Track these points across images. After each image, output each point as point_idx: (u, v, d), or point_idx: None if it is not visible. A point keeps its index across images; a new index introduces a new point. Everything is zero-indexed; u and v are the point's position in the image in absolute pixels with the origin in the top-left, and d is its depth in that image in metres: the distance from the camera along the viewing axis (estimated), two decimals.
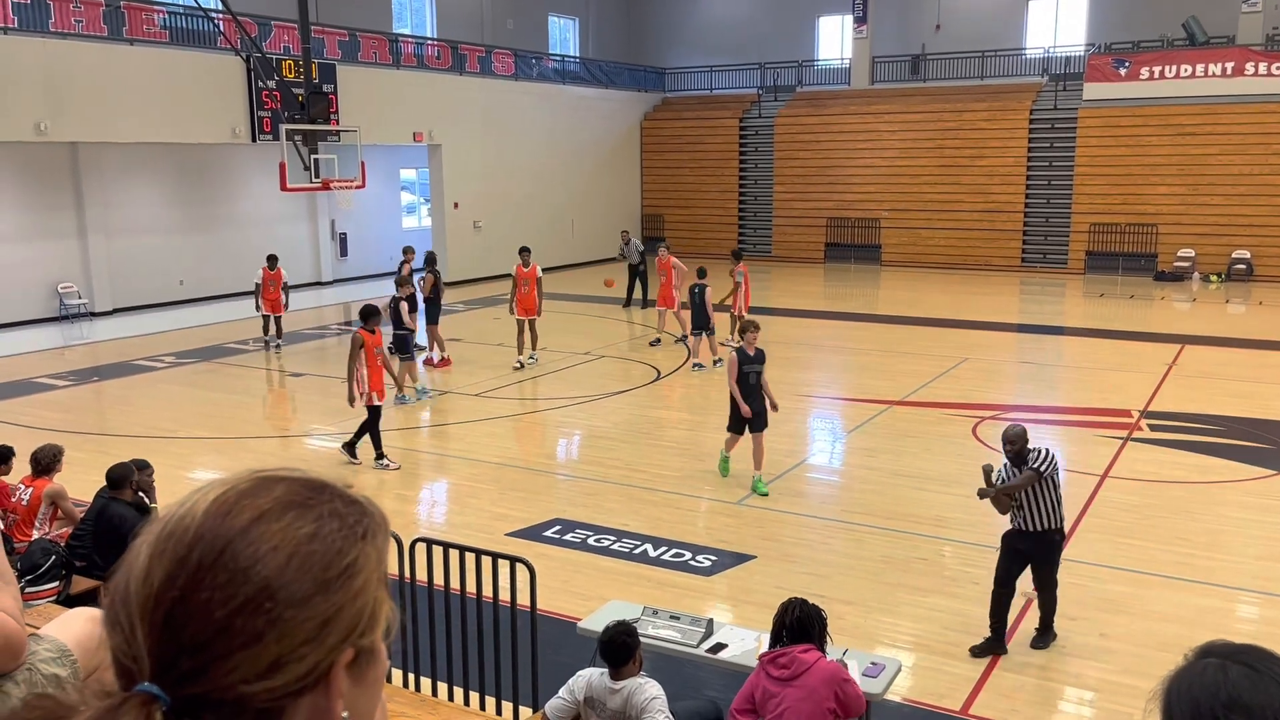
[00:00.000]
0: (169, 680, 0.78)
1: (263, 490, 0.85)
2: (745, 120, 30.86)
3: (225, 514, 0.82)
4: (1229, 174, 24.62)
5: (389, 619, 0.88)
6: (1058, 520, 6.56)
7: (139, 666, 0.79)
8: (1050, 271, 26.57)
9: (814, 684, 4.37)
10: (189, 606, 0.78)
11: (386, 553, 0.90)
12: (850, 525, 8.92)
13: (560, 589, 7.45)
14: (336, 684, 0.83)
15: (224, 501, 0.83)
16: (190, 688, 0.78)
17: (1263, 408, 12.71)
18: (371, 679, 0.88)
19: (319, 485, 0.87)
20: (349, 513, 0.87)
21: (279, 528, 0.82)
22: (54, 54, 16.95)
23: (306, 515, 0.84)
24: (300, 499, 0.85)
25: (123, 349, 17.37)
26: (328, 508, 0.86)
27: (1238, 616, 7.35)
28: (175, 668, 0.78)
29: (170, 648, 0.78)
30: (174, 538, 0.82)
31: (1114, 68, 25.92)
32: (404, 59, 24.15)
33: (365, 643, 0.86)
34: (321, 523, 0.84)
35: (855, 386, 14.45)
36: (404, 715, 3.57)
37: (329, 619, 0.82)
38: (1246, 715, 1.16)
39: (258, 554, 0.80)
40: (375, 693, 0.89)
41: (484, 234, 25.77)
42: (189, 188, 22.51)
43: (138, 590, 0.80)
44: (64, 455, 7.76)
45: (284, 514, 0.83)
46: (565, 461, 11.50)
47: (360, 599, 0.84)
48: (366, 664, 0.87)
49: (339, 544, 0.84)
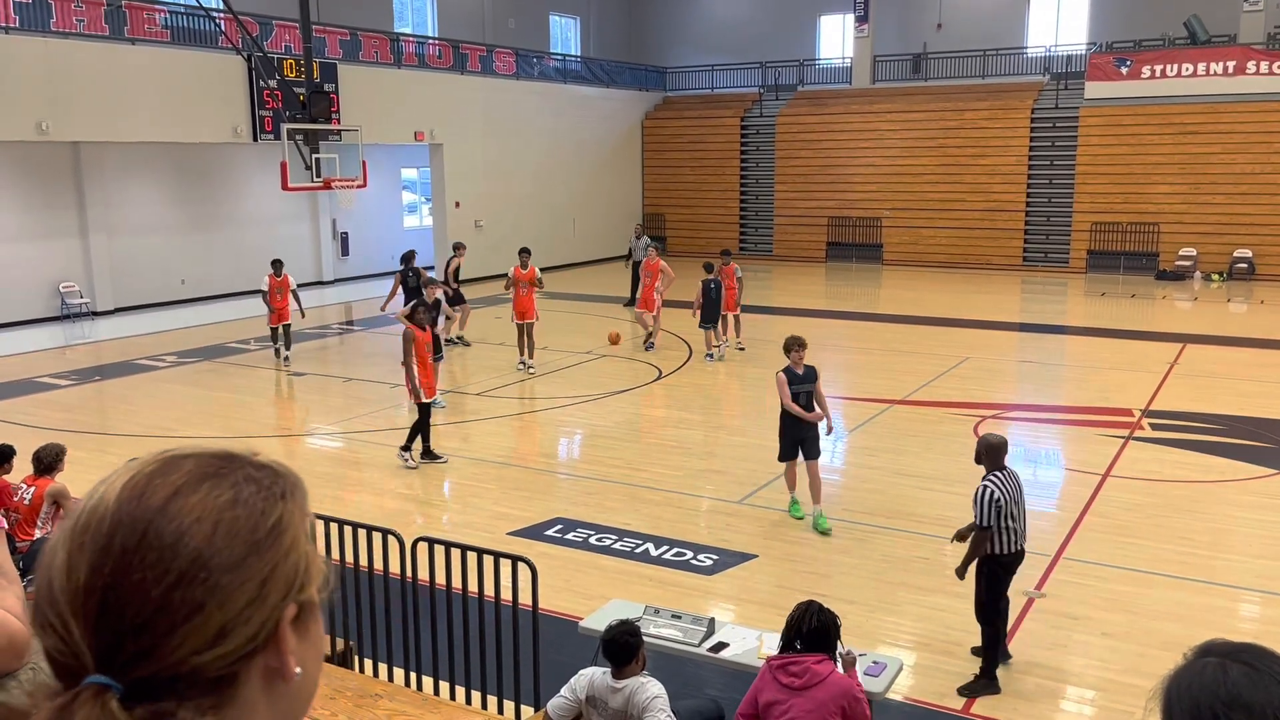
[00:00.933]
0: (116, 667, 0.78)
1: (172, 468, 0.85)
2: (747, 119, 30.84)
3: (139, 496, 0.82)
4: (1230, 173, 24.60)
5: (323, 572, 0.89)
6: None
7: (81, 662, 0.78)
8: (1051, 270, 26.56)
9: (824, 698, 4.33)
10: (122, 591, 0.78)
11: (308, 510, 0.90)
12: (852, 524, 8.91)
13: (562, 588, 7.45)
14: (285, 641, 0.84)
15: (135, 485, 0.83)
16: (139, 670, 0.78)
17: (1265, 407, 12.70)
18: (315, 634, 0.89)
19: (228, 455, 0.88)
20: (262, 477, 0.87)
21: (197, 499, 0.82)
22: (55, 53, 16.95)
23: (222, 484, 0.84)
24: (213, 469, 0.85)
25: (124, 348, 17.38)
26: (241, 474, 0.86)
27: (1240, 615, 7.35)
28: (120, 653, 0.78)
29: (110, 636, 0.78)
30: (90, 529, 0.81)
31: (1115, 66, 25.91)
32: (405, 58, 24.15)
33: (304, 597, 0.86)
34: (239, 488, 0.85)
35: (856, 386, 14.45)
36: (406, 714, 3.57)
37: (266, 578, 0.83)
38: (1247, 714, 1.15)
39: (182, 527, 0.80)
40: (319, 647, 0.91)
41: (485, 233, 25.76)
42: (190, 187, 22.52)
43: (62, 587, 0.79)
44: (66, 454, 7.76)
45: (199, 485, 0.83)
46: (566, 461, 11.50)
47: (293, 554, 0.85)
48: (309, 618, 0.88)
49: (260, 505, 0.85)
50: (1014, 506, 6.09)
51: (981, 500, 6.03)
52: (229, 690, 0.81)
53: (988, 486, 6.07)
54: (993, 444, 6.26)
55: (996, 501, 5.99)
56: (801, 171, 29.58)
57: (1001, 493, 6.02)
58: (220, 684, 0.80)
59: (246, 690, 0.82)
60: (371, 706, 3.58)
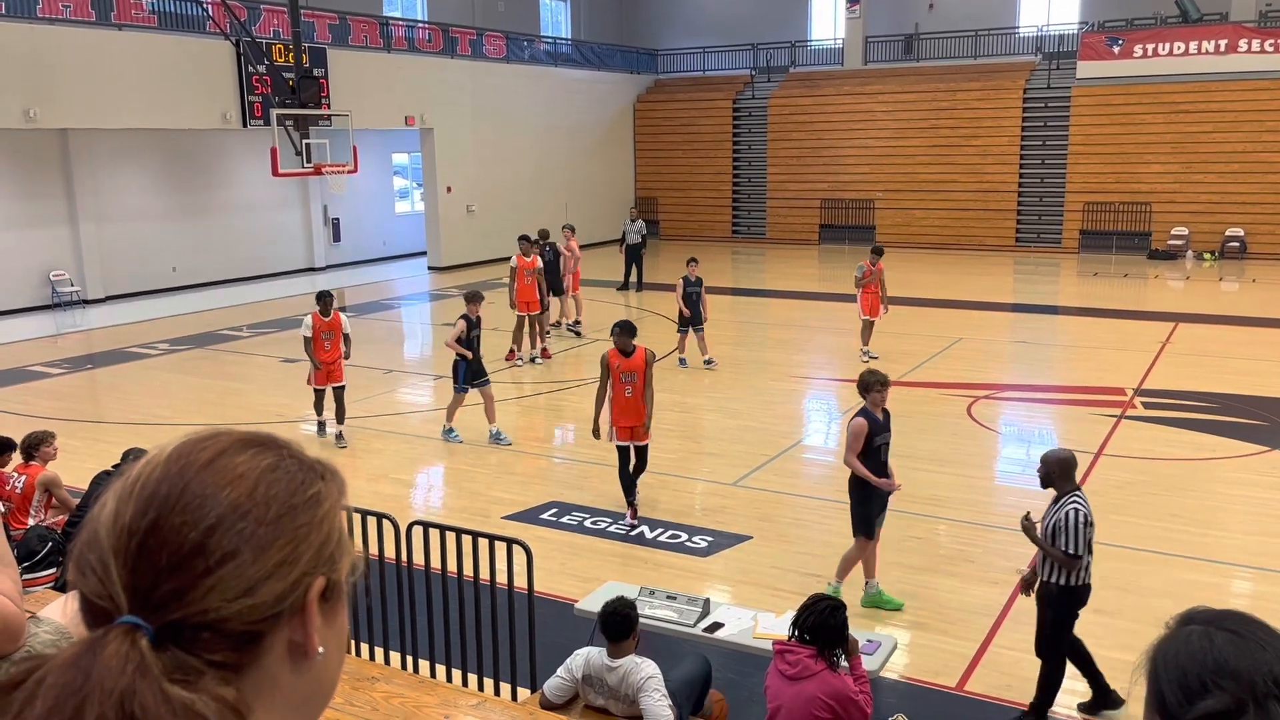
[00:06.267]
0: (148, 610, 0.80)
1: (221, 435, 0.89)
2: (738, 102, 30.75)
3: (188, 454, 0.86)
4: (1222, 152, 24.60)
5: (354, 559, 0.92)
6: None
7: (116, 603, 0.80)
8: (1044, 251, 26.58)
9: (812, 693, 4.36)
10: (162, 533, 0.81)
11: (345, 497, 0.93)
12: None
13: (557, 571, 7.48)
14: (311, 615, 0.86)
15: (184, 447, 0.87)
16: (170, 613, 0.80)
17: (1256, 384, 12.75)
18: (340, 623, 0.91)
19: (274, 436, 0.92)
20: (303, 457, 0.91)
21: (242, 460, 0.86)
22: (41, 40, 16.82)
23: (266, 452, 0.88)
24: (257, 441, 0.90)
25: (116, 336, 17.33)
26: (285, 450, 0.90)
27: (1232, 592, 7.40)
28: (154, 593, 0.80)
29: (147, 575, 0.80)
30: (140, 480, 0.85)
31: (1107, 46, 25.86)
32: (395, 42, 24.02)
33: (334, 575, 0.88)
34: (282, 459, 0.89)
35: (850, 367, 14.46)
36: (402, 696, 3.58)
37: (299, 540, 0.85)
38: (1234, 680, 1.16)
39: (225, 480, 0.84)
40: (342, 638, 0.93)
41: (477, 218, 25.70)
42: (180, 174, 22.40)
43: (108, 530, 0.83)
44: (51, 441, 7.74)
45: (244, 449, 0.88)
46: (561, 445, 11.51)
47: (326, 524, 0.88)
48: (335, 601, 0.90)
49: (301, 476, 0.89)
50: (1093, 531, 5.50)
51: (1073, 526, 5.32)
52: (252, 651, 0.83)
53: (1078, 509, 5.36)
54: (1065, 460, 5.56)
55: (1090, 526, 5.37)
56: (794, 153, 29.53)
57: (1089, 515, 5.41)
58: (244, 643, 0.82)
59: (269, 659, 0.84)
60: (368, 689, 3.59)
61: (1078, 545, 5.33)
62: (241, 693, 0.81)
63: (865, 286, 14.20)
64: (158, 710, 0.75)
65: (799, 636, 4.52)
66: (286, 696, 0.86)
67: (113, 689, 0.75)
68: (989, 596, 7.15)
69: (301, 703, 0.88)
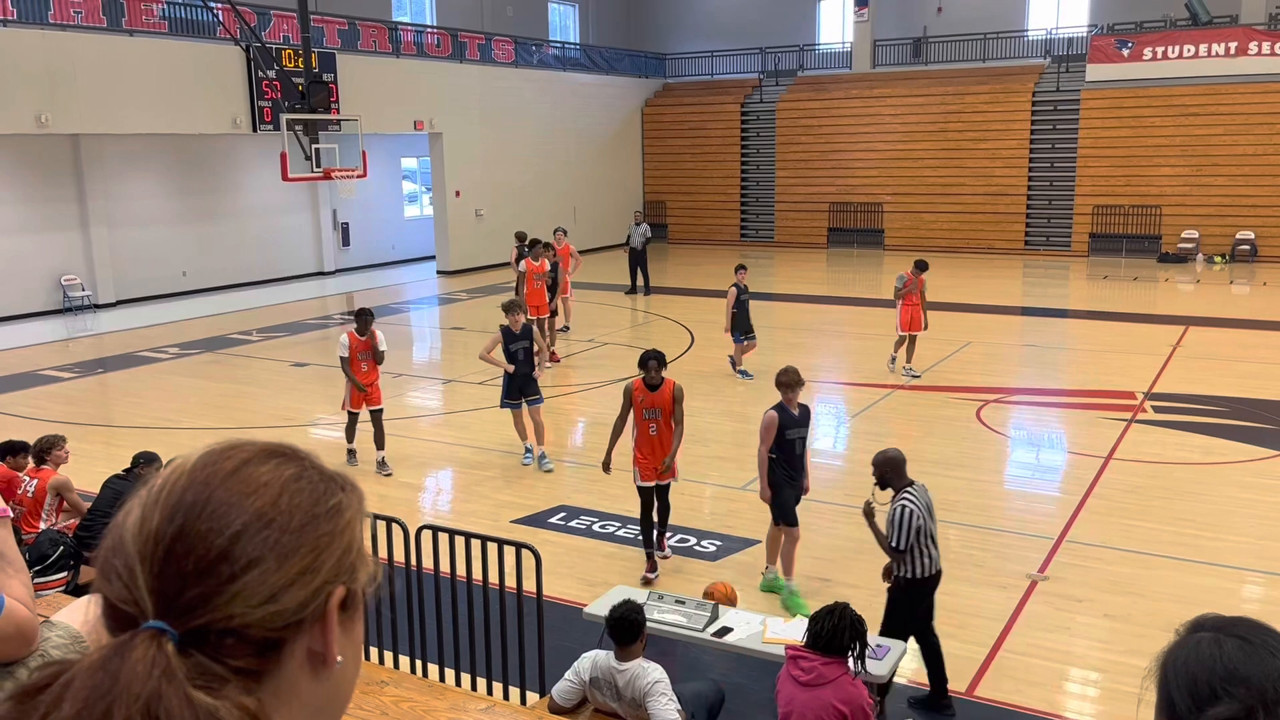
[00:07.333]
0: (173, 615, 0.81)
1: (245, 445, 0.91)
2: (747, 105, 30.76)
3: (213, 463, 0.88)
4: (1233, 155, 24.52)
5: (371, 569, 0.93)
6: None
7: (141, 608, 0.82)
8: (1053, 254, 26.51)
9: (828, 699, 4.36)
10: (188, 539, 0.82)
11: (365, 511, 0.95)
12: (855, 509, 8.87)
13: (565, 575, 7.48)
14: (332, 624, 0.87)
15: (209, 456, 0.89)
16: (195, 619, 0.81)
17: (1267, 388, 12.69)
18: (357, 634, 0.93)
19: (294, 447, 0.93)
20: (324, 468, 0.93)
21: (266, 469, 0.88)
22: (54, 46, 16.92)
23: (289, 463, 0.90)
24: (281, 451, 0.91)
25: (127, 340, 17.40)
26: (308, 461, 0.92)
27: (1242, 596, 7.37)
28: (180, 599, 0.81)
29: (173, 581, 0.81)
30: (165, 488, 0.86)
31: (1117, 49, 25.80)
32: (404, 47, 24.09)
33: (354, 585, 0.90)
34: (304, 469, 0.90)
35: (859, 371, 14.45)
36: (411, 700, 3.59)
37: (321, 549, 0.87)
38: (1245, 687, 1.16)
39: (250, 489, 0.86)
40: (359, 648, 0.94)
41: (486, 222, 25.75)
42: (190, 178, 22.50)
43: (134, 536, 0.84)
44: (65, 444, 7.77)
45: (268, 459, 0.89)
46: (569, 449, 11.51)
47: (347, 534, 0.90)
48: (354, 612, 0.91)
49: (323, 486, 0.90)
50: (932, 525, 5.77)
51: (898, 521, 5.67)
52: (273, 658, 0.84)
53: (906, 505, 5.69)
54: (893, 459, 5.89)
55: (919, 520, 5.66)
56: (802, 157, 29.52)
57: (918, 511, 5.68)
58: (266, 649, 0.83)
59: (290, 666, 0.85)
60: (378, 693, 3.60)
61: (901, 540, 5.67)
62: (262, 700, 0.82)
63: (905, 298, 13.50)
64: (182, 715, 0.76)
65: (813, 644, 4.50)
66: (305, 705, 0.87)
67: (139, 693, 0.76)
68: (999, 601, 7.14)
69: (318, 712, 0.89)
